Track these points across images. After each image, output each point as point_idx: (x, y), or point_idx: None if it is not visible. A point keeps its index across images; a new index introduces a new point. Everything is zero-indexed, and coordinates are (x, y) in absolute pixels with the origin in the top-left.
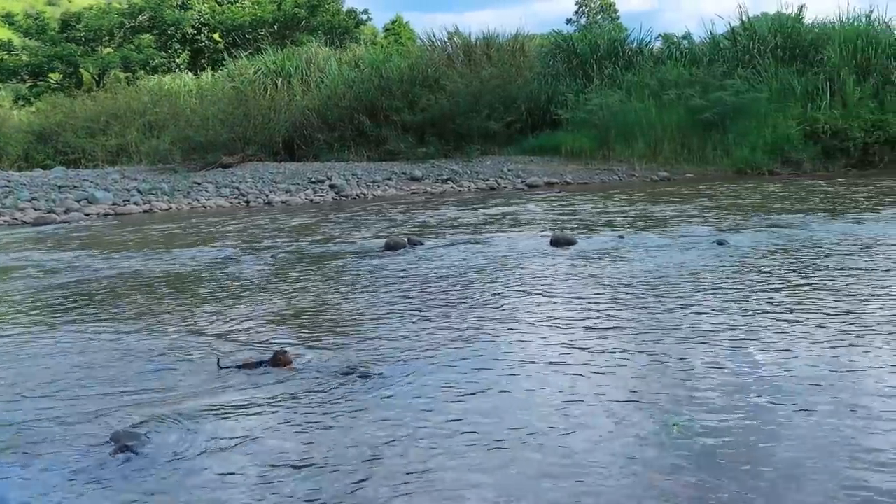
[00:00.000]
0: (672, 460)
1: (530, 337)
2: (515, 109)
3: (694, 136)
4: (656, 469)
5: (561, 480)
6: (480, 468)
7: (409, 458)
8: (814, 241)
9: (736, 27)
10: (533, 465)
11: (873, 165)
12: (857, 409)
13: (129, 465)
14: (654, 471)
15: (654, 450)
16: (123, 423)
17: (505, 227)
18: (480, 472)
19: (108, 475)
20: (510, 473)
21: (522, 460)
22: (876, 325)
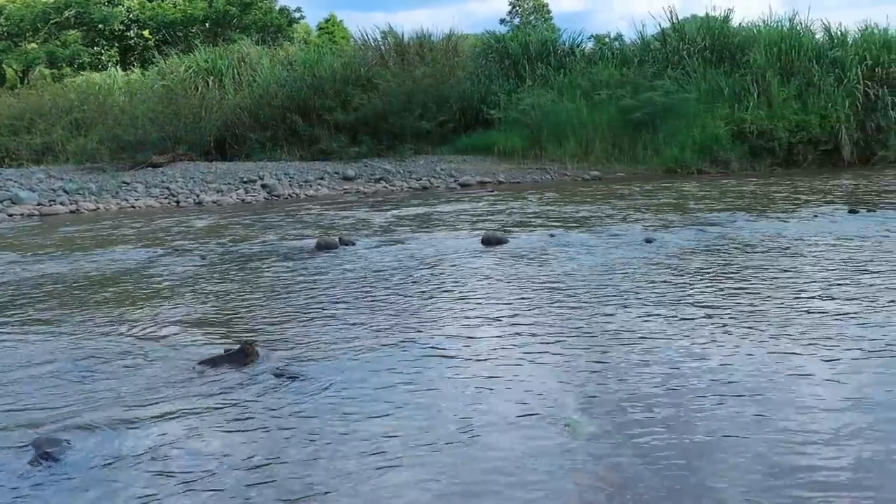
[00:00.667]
0: (589, 452)
1: (460, 336)
2: (448, 109)
3: (625, 136)
4: (575, 461)
5: (483, 478)
6: (409, 468)
7: (337, 460)
8: (739, 240)
9: (666, 29)
10: (461, 463)
11: (798, 165)
12: (778, 402)
13: (50, 471)
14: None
15: (579, 444)
16: (45, 428)
17: (437, 227)
18: (407, 472)
19: (26, 482)
20: (440, 475)
21: (451, 460)
22: (795, 323)
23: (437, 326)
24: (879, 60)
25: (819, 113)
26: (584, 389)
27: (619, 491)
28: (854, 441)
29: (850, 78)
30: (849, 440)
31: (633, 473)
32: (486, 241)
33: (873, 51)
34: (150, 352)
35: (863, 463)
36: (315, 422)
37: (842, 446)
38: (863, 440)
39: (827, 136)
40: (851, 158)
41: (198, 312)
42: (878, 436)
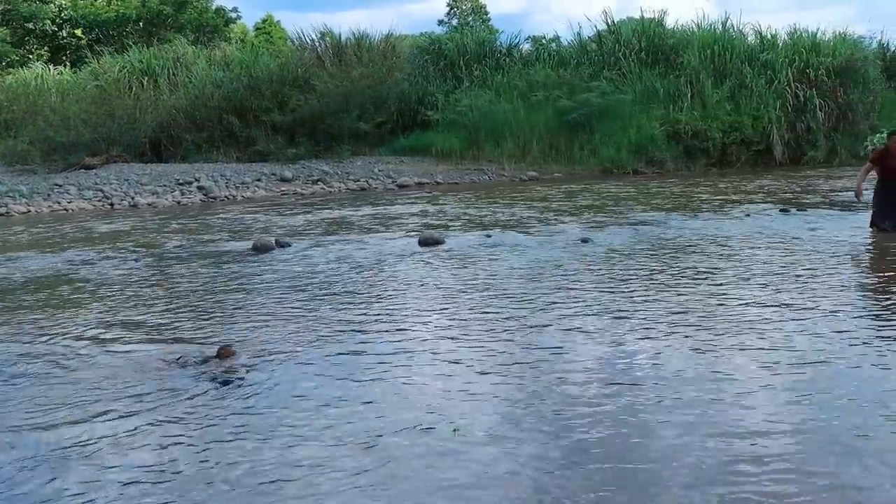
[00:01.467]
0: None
1: (397, 336)
2: (386, 110)
3: (562, 137)
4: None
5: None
6: (346, 470)
7: (274, 463)
8: (673, 240)
9: (602, 31)
10: (398, 463)
11: (731, 165)
12: (712, 396)
13: None
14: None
15: (512, 437)
16: None
17: (374, 228)
18: (344, 475)
19: None
20: (378, 479)
21: (388, 461)
22: (723, 322)
23: (369, 328)
24: (808, 63)
25: (751, 114)
26: (513, 389)
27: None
28: (782, 436)
29: (780, 80)
30: (780, 436)
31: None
32: (422, 242)
33: (802, 54)
34: (78, 355)
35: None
36: (256, 420)
37: (772, 440)
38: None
39: (759, 137)
40: (783, 158)
41: (133, 315)
42: (806, 428)
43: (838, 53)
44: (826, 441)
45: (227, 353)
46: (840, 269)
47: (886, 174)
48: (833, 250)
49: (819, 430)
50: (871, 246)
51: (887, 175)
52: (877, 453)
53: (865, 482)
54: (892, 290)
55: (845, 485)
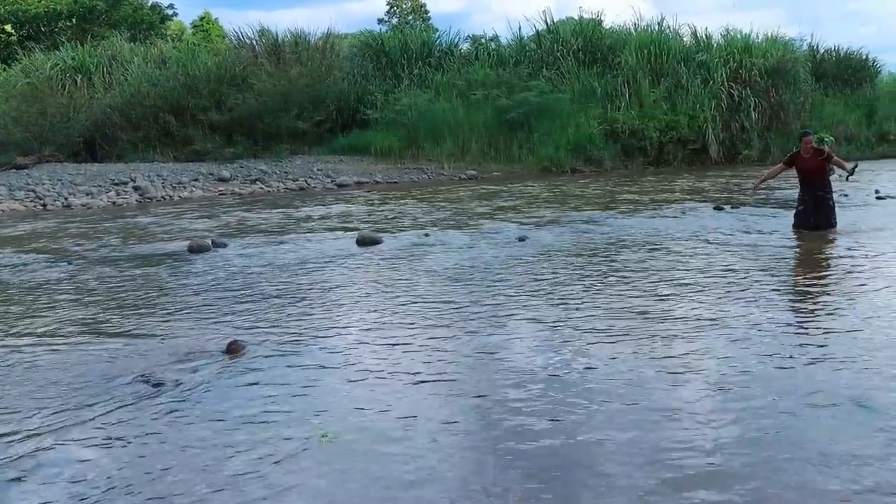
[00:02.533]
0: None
1: (332, 336)
2: (325, 109)
3: (501, 136)
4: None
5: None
6: (278, 473)
7: (204, 465)
8: (609, 237)
9: (541, 30)
10: (336, 463)
11: (668, 163)
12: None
13: None
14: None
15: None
16: None
17: (312, 228)
18: (275, 477)
19: None
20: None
21: (323, 463)
22: (656, 319)
23: (310, 328)
24: (742, 64)
25: (687, 113)
26: (444, 389)
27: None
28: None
29: (715, 80)
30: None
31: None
32: (360, 242)
33: (736, 54)
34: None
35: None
36: (188, 423)
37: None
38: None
39: (695, 136)
40: (718, 157)
41: (65, 318)
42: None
43: (770, 55)
44: (749, 435)
45: (237, 349)
46: (768, 267)
47: (800, 174)
48: (763, 248)
49: (745, 423)
50: (798, 245)
51: (801, 175)
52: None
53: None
54: (814, 289)
55: (761, 471)
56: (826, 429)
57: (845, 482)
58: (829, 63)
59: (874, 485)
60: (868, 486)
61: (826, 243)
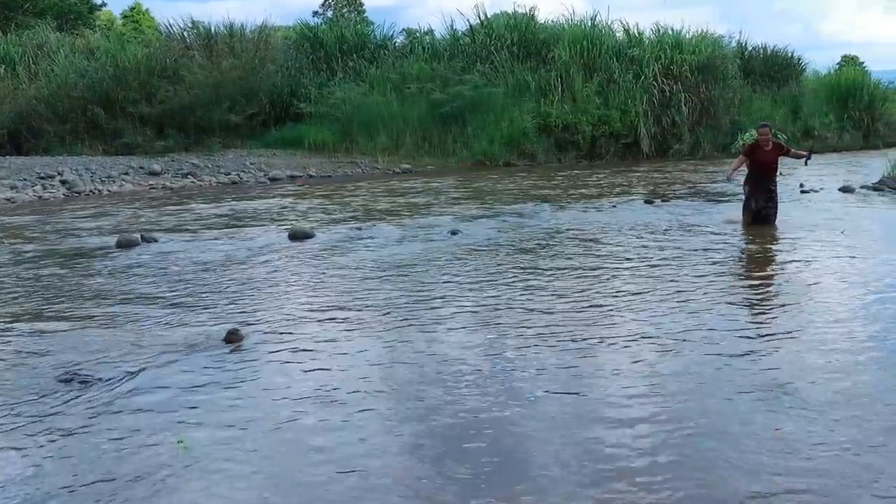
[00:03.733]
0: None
1: (263, 332)
2: (257, 102)
3: (435, 130)
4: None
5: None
6: (208, 473)
7: (131, 467)
8: (540, 231)
9: (475, 25)
10: (269, 462)
11: (601, 157)
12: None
13: None
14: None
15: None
16: None
17: (244, 222)
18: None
19: None
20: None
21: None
22: (591, 310)
23: (240, 325)
24: (673, 59)
25: (619, 108)
26: (374, 385)
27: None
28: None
29: (647, 75)
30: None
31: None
32: (292, 236)
33: (667, 51)
34: None
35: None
36: (114, 423)
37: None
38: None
39: (627, 131)
40: (650, 151)
41: None
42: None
43: (700, 51)
44: (681, 422)
45: (235, 339)
46: (698, 260)
47: (757, 166)
48: (693, 240)
49: (675, 418)
50: (728, 238)
51: (755, 167)
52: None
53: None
54: (748, 280)
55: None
56: (751, 415)
57: (767, 467)
58: (757, 60)
59: (795, 468)
60: (789, 468)
61: (758, 237)
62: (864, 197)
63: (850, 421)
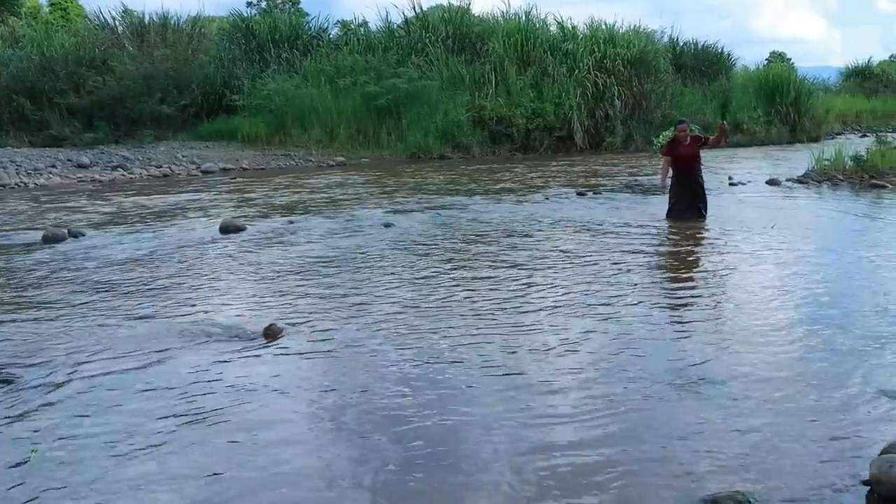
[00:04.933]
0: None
1: (191, 328)
2: (190, 93)
3: (369, 122)
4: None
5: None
6: (131, 473)
7: (55, 469)
8: (473, 223)
9: (411, 17)
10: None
11: (534, 150)
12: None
13: None
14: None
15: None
16: None
17: (175, 216)
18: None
19: None
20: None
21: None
22: (523, 302)
23: (160, 320)
24: (606, 53)
25: (553, 101)
26: (300, 383)
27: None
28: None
29: (581, 69)
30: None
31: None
32: (224, 230)
33: (601, 45)
34: None
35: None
36: (36, 423)
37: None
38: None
39: (561, 123)
40: (583, 144)
41: None
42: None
43: (633, 45)
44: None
45: (274, 332)
46: (629, 252)
47: (677, 163)
48: (623, 234)
49: (610, 411)
50: (658, 232)
51: (678, 164)
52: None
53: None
54: (676, 273)
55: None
56: (674, 403)
57: (688, 450)
58: (688, 55)
59: (713, 447)
60: (706, 450)
61: (687, 230)
62: (790, 190)
63: (767, 409)
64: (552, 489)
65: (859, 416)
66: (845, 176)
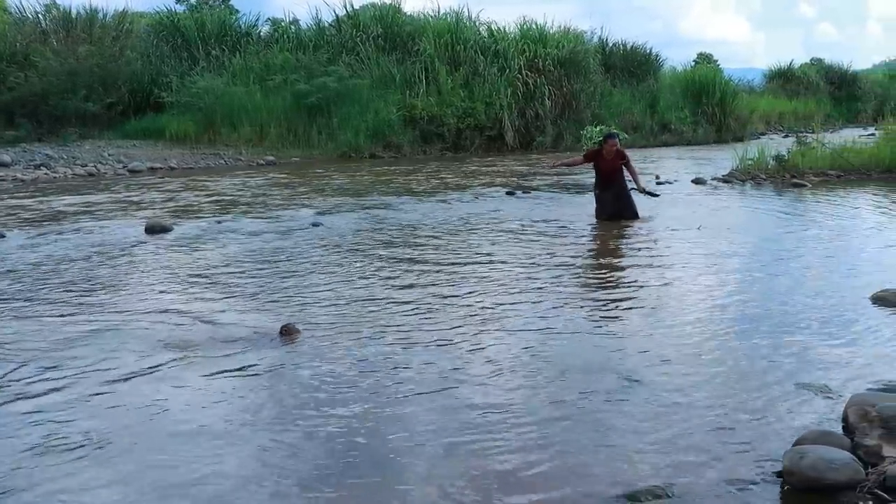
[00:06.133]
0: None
1: (119, 330)
2: (116, 91)
3: (300, 121)
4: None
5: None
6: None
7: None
8: (402, 222)
9: (341, 16)
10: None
11: (465, 149)
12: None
13: None
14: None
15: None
16: None
17: (100, 216)
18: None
19: None
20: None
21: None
22: (452, 303)
23: (80, 323)
24: (537, 53)
25: (484, 100)
26: (234, 385)
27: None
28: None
29: (511, 68)
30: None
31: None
32: (149, 230)
33: (531, 44)
34: None
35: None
36: None
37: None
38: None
39: (492, 123)
40: (514, 143)
41: None
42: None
43: (563, 46)
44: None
45: (291, 332)
46: (556, 251)
47: (599, 174)
48: (550, 233)
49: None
50: (587, 229)
51: (600, 175)
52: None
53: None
54: (598, 271)
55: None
56: (593, 401)
57: (608, 447)
58: (618, 56)
59: (632, 443)
60: (626, 447)
61: (613, 229)
62: (715, 188)
63: (686, 405)
64: (466, 490)
65: (775, 409)
66: (768, 175)
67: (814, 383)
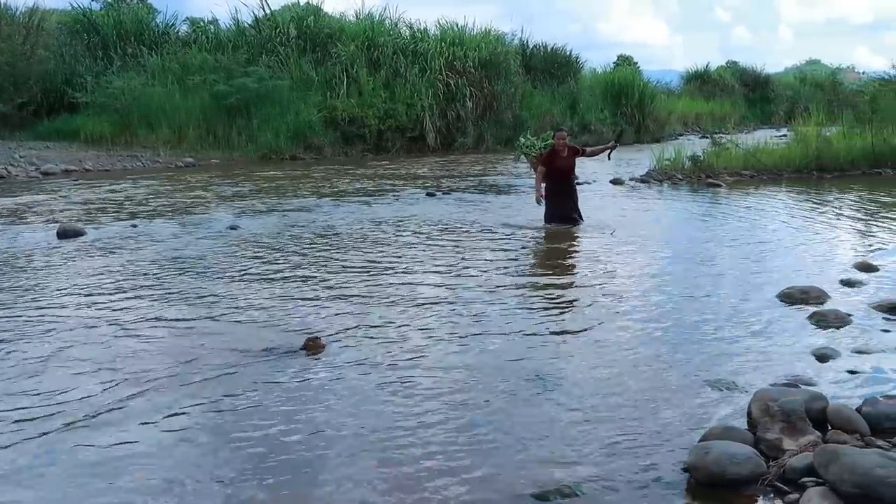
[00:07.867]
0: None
1: (29, 336)
2: (28, 90)
3: (219, 122)
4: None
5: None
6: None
7: None
8: (320, 224)
9: (260, 16)
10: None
11: (387, 150)
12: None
13: None
14: None
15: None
16: None
17: (10, 220)
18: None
19: None
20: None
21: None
22: (377, 305)
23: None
24: (457, 55)
25: (405, 102)
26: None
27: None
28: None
29: (432, 70)
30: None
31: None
32: (62, 234)
33: (452, 46)
34: None
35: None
36: None
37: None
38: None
39: (413, 124)
40: (435, 144)
41: None
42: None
43: (483, 47)
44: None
45: (316, 346)
46: (472, 255)
47: (555, 173)
48: (468, 235)
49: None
50: (509, 230)
51: (555, 174)
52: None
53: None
54: (513, 275)
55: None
56: (508, 401)
57: (520, 446)
58: (538, 57)
59: (545, 442)
60: (538, 445)
61: (534, 231)
62: (633, 189)
63: (600, 404)
64: (379, 490)
65: (685, 406)
66: (684, 175)
67: (723, 380)
